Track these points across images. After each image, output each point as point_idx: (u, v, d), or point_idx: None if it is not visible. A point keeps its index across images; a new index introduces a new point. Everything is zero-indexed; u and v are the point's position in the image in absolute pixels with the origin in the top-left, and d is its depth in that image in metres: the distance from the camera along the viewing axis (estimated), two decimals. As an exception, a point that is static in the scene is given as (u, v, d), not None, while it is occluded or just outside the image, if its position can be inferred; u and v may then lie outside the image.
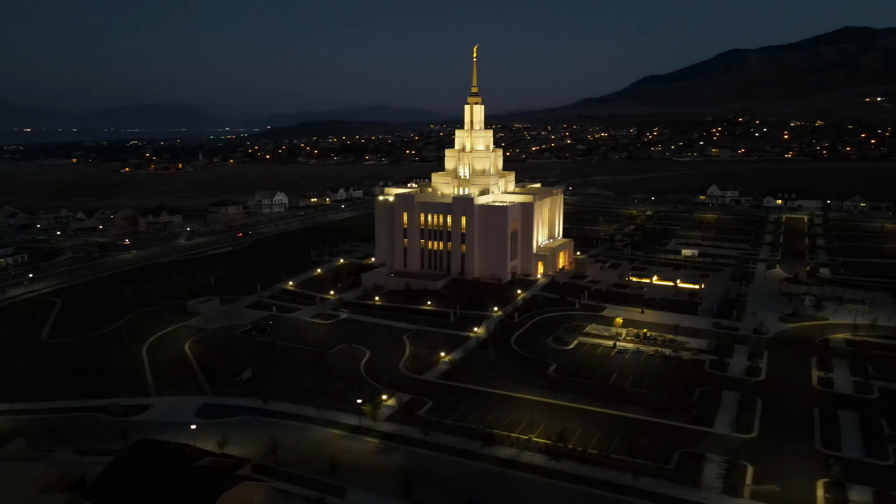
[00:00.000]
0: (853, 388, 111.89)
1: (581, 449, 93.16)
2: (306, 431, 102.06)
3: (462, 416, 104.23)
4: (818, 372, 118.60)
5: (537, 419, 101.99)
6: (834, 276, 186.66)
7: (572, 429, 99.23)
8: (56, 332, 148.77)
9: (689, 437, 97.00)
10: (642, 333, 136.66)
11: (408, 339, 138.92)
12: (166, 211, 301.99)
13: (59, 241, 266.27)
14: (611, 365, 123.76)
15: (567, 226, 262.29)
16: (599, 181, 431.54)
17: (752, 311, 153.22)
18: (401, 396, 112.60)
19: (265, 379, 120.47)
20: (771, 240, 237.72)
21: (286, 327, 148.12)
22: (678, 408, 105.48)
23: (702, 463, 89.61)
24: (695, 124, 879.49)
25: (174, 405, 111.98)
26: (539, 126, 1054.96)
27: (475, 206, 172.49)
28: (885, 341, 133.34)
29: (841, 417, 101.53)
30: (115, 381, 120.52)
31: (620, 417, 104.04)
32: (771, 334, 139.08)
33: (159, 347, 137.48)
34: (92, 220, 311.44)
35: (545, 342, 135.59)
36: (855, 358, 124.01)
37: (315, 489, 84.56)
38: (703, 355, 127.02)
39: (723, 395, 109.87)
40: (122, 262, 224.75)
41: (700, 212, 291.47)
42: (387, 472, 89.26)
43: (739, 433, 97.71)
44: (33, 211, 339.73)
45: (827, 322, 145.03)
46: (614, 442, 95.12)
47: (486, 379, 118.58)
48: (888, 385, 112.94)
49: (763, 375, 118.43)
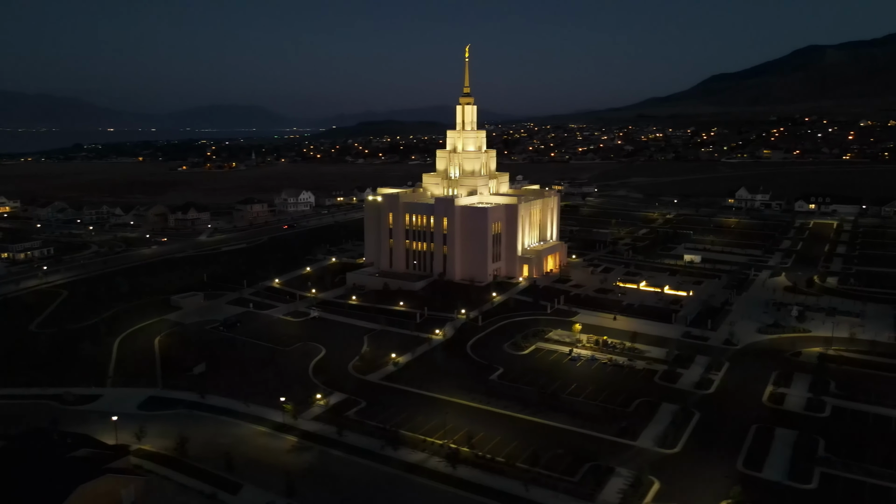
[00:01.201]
0: (804, 406, 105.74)
1: (490, 456, 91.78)
2: (232, 427, 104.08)
3: (387, 419, 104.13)
4: (773, 387, 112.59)
5: (461, 425, 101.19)
6: (840, 285, 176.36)
7: (492, 435, 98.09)
8: (46, 322, 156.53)
9: (607, 449, 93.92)
10: (602, 340, 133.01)
11: (367, 339, 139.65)
12: (194, 208, 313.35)
13: (91, 235, 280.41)
14: (559, 372, 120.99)
15: (576, 228, 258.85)
16: (635, 183, 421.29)
17: (731, 320, 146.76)
18: (337, 396, 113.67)
19: (217, 374, 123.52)
20: (788, 246, 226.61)
21: (256, 324, 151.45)
22: (609, 419, 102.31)
23: (608, 477, 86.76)
24: (756, 124, 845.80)
25: (122, 396, 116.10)
26: (595, 127, 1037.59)
27: (456, 207, 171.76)
28: (861, 356, 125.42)
29: (777, 436, 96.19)
30: (78, 371, 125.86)
31: (547, 426, 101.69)
32: (741, 346, 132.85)
33: (132, 340, 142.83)
34: (128, 216, 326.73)
35: (502, 347, 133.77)
36: (819, 373, 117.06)
37: (212, 484, 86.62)
38: (658, 365, 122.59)
39: (661, 407, 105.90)
40: (139, 256, 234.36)
41: (724, 216, 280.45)
42: (291, 470, 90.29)
43: (661, 448, 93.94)
44: (81, 206, 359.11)
45: (808, 334, 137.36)
46: (528, 451, 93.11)
47: (426, 382, 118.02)
48: (844, 403, 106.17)
49: (713, 388, 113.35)
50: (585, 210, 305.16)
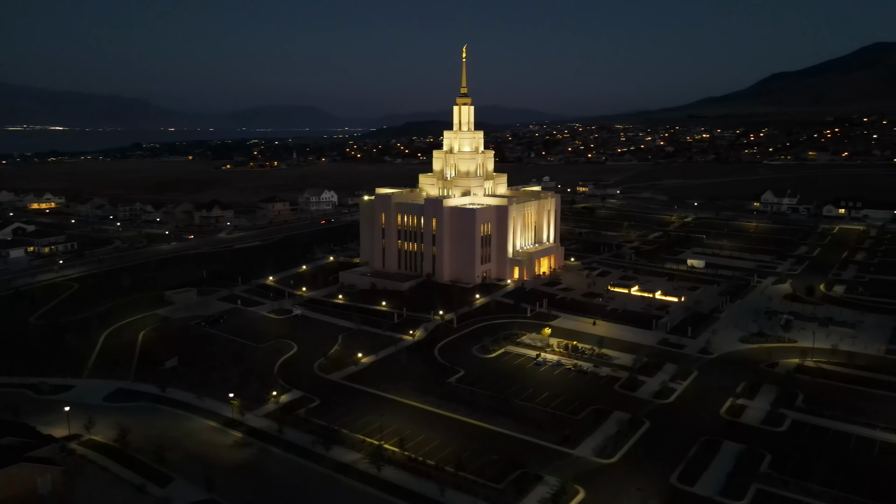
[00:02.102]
0: (762, 419, 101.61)
1: (422, 459, 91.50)
2: (185, 421, 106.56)
3: (334, 418, 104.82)
4: (736, 399, 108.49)
5: (406, 426, 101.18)
6: (846, 294, 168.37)
7: (432, 438, 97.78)
8: (47, 314, 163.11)
9: (544, 457, 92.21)
10: (571, 345, 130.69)
11: (342, 339, 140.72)
12: (218, 206, 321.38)
13: (118, 231, 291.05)
14: (521, 377, 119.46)
15: (585, 230, 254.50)
16: (666, 185, 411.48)
17: (716, 328, 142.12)
18: (294, 394, 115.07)
19: (187, 368, 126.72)
20: (804, 252, 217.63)
21: (240, 320, 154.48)
22: (555, 426, 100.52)
23: (533, 485, 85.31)
24: (809, 125, 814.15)
25: (92, 387, 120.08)
26: (641, 128, 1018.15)
27: (444, 207, 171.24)
28: (840, 369, 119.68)
29: (724, 450, 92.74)
30: (60, 361, 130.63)
31: (491, 431, 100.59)
32: (716, 354, 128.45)
33: (118, 333, 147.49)
34: (157, 213, 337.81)
35: (471, 350, 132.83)
36: (787, 385, 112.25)
37: (145, 476, 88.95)
38: (623, 372, 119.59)
39: (612, 416, 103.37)
40: (156, 252, 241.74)
41: (745, 219, 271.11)
42: (226, 466, 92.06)
43: (599, 458, 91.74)
44: (117, 203, 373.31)
45: (792, 345, 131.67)
46: (463, 455, 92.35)
47: (385, 382, 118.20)
48: (806, 418, 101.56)
49: (672, 398, 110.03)
50: (602, 212, 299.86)
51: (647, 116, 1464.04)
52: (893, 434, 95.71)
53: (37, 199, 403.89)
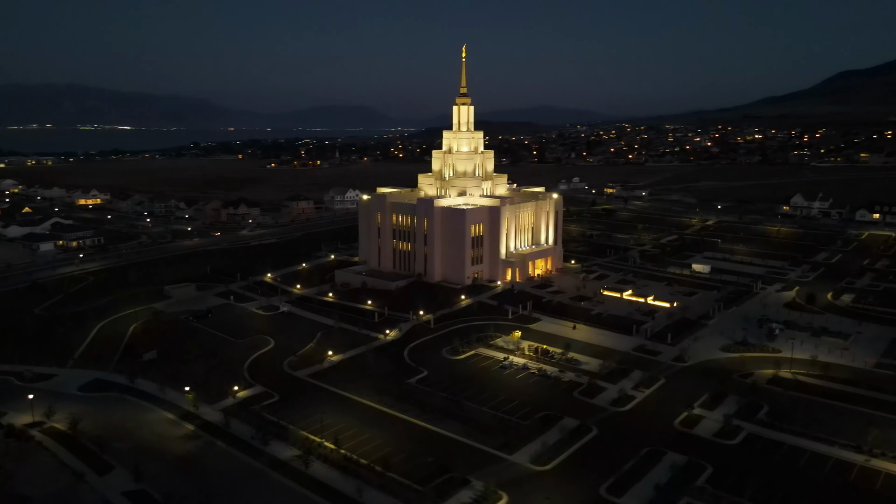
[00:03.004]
0: (715, 431, 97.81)
1: (356, 458, 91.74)
2: (145, 412, 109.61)
3: (287, 414, 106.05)
4: (695, 409, 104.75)
5: (353, 425, 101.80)
6: (853, 303, 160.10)
7: (373, 438, 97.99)
8: (53, 306, 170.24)
9: (480, 461, 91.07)
10: (541, 349, 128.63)
11: (320, 336, 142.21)
12: (244, 203, 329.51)
13: (147, 227, 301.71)
14: (483, 379, 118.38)
15: (597, 233, 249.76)
16: (702, 187, 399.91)
17: (700, 335, 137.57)
18: (256, 389, 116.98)
19: (164, 361, 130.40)
20: (823, 258, 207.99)
21: (228, 316, 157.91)
22: (501, 430, 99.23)
23: (458, 489, 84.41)
24: (870, 125, 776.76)
25: (73, 377, 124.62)
26: (691, 128, 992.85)
27: (435, 208, 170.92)
28: (817, 381, 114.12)
29: (664, 461, 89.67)
30: (51, 351, 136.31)
31: (435, 433, 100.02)
32: (691, 363, 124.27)
33: (112, 326, 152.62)
34: (189, 210, 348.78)
35: (441, 351, 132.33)
36: (754, 397, 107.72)
37: (88, 464, 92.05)
38: (588, 378, 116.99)
39: (561, 422, 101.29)
40: (176, 248, 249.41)
41: (769, 223, 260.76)
42: (168, 457, 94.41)
43: (534, 464, 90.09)
44: (161, 199, 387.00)
45: (774, 355, 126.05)
46: (400, 456, 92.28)
47: (347, 381, 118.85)
48: (763, 431, 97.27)
49: (629, 406, 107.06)
50: (622, 214, 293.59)
51: (700, 116, 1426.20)
52: (851, 452, 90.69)
53: (84, 195, 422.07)
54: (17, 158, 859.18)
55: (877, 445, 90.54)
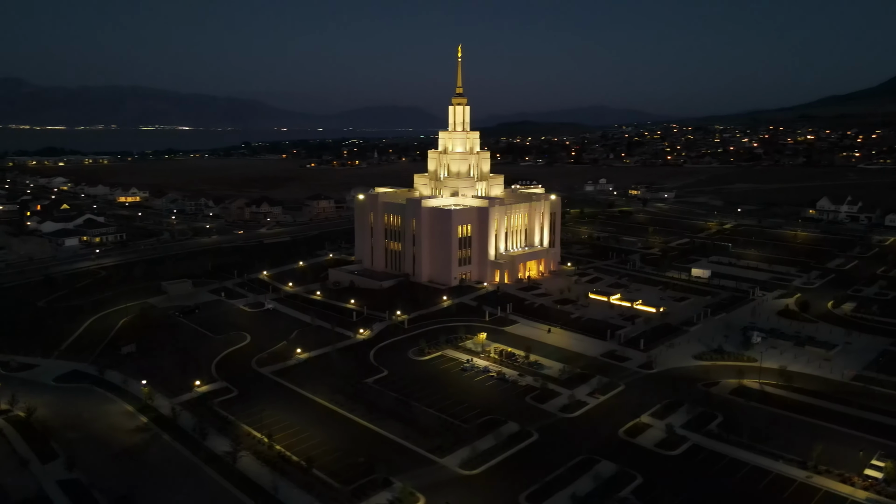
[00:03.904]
0: (658, 441, 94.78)
1: (288, 455, 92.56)
2: (106, 403, 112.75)
3: (238, 410, 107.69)
4: (644, 417, 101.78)
5: (297, 423, 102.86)
6: (854, 312, 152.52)
7: (312, 436, 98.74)
8: (57, 299, 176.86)
9: (411, 463, 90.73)
10: (505, 352, 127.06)
11: (297, 334, 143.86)
12: (267, 202, 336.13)
13: (172, 224, 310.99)
14: (439, 381, 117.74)
15: (605, 235, 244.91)
16: (734, 189, 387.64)
17: (678, 342, 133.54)
18: (218, 384, 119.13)
19: (141, 355, 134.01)
20: (837, 264, 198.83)
21: (214, 312, 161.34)
22: (440, 433, 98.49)
23: (378, 490, 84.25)
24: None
25: (53, 367, 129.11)
26: (741, 128, 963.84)
27: (423, 208, 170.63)
28: (784, 393, 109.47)
29: (595, 470, 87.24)
30: (41, 342, 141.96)
31: (375, 433, 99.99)
32: (657, 370, 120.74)
33: (103, 319, 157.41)
34: (216, 208, 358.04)
35: (407, 351, 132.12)
36: (710, 407, 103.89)
37: (37, 452, 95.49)
38: (547, 383, 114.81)
39: (503, 426, 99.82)
40: (193, 244, 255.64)
41: (789, 227, 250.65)
42: (114, 448, 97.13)
43: (462, 468, 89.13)
44: (193, 197, 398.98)
45: (749, 363, 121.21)
46: (332, 455, 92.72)
47: (307, 379, 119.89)
48: (709, 443, 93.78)
49: (578, 413, 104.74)
50: (639, 217, 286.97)
51: (755, 116, 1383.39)
52: (794, 467, 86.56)
53: (123, 193, 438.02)
54: (77, 157, 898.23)
55: (822, 462, 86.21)
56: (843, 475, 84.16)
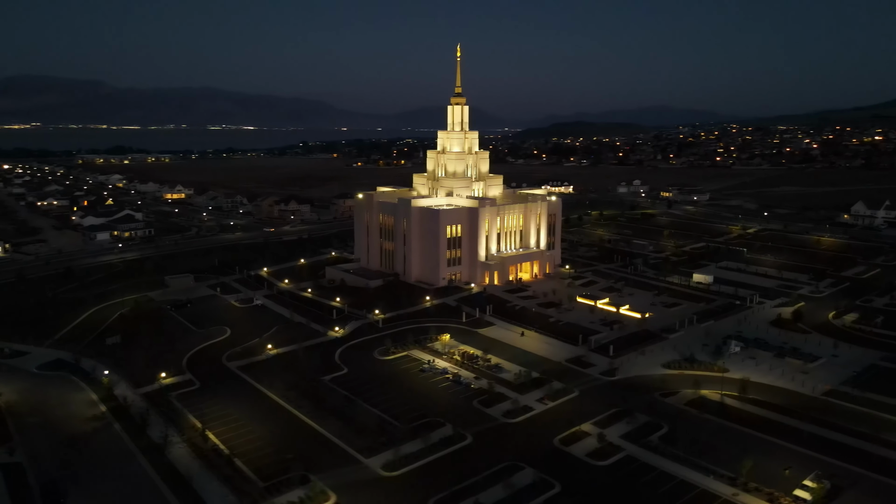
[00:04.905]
0: (590, 451, 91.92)
1: (222, 449, 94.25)
2: (76, 391, 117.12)
3: (193, 402, 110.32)
4: (584, 426, 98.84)
5: (245, 416, 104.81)
6: (853, 324, 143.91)
7: (253, 430, 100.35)
8: (68, 291, 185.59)
9: (336, 461, 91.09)
10: (467, 354, 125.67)
11: (275, 329, 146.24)
12: (295, 200, 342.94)
13: (203, 220, 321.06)
14: (395, 381, 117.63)
15: (617, 238, 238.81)
16: (776, 192, 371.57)
17: (651, 349, 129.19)
18: (184, 377, 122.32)
19: (125, 346, 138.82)
20: (855, 272, 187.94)
21: (205, 306, 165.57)
22: (377, 433, 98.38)
23: (294, 487, 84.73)
24: None
25: (40, 356, 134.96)
26: (804, 129, 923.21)
27: (413, 208, 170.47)
28: (744, 406, 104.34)
29: (516, 477, 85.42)
30: (38, 331, 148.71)
31: (314, 430, 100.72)
32: (618, 377, 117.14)
33: (102, 311, 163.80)
34: (249, 205, 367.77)
35: (374, 351, 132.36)
36: (660, 418, 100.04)
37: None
38: (499, 386, 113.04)
39: (439, 429, 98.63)
40: (215, 241, 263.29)
41: (817, 233, 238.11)
42: (66, 434, 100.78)
43: (383, 470, 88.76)
44: (229, 195, 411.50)
45: (718, 374, 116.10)
46: (265, 450, 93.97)
47: (268, 375, 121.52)
48: (644, 454, 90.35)
49: (520, 419, 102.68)
50: (660, 220, 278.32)
51: (825, 116, 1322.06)
52: (723, 483, 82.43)
53: (170, 190, 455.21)
54: (141, 156, 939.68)
55: (753, 479, 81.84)
56: (773, 494, 79.77)
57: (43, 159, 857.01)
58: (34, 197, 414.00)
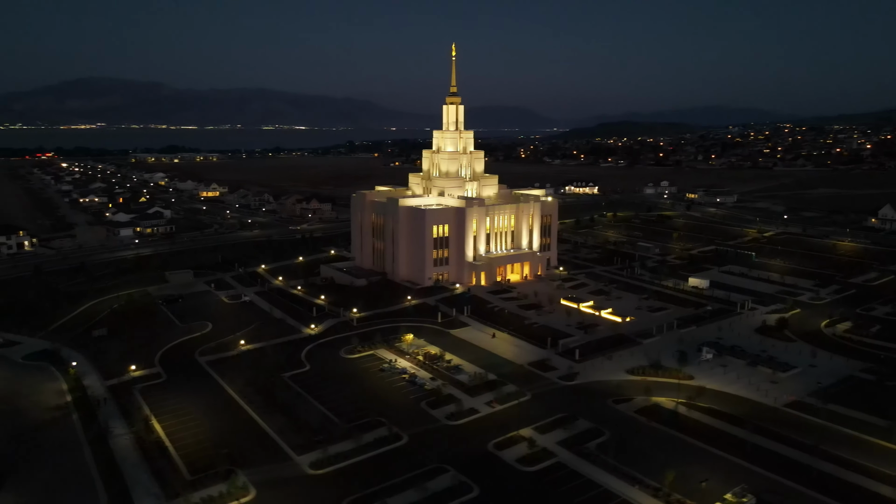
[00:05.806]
0: (520, 457, 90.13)
1: (167, 445, 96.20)
2: (51, 381, 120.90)
3: (154, 396, 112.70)
4: (520, 430, 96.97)
5: (194, 408, 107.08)
6: (846, 333, 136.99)
7: (201, 423, 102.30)
8: (75, 284, 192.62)
9: (269, 457, 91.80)
10: (428, 355, 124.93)
11: (254, 326, 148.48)
12: (316, 199, 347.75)
13: (226, 218, 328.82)
14: (353, 379, 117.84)
15: (623, 240, 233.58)
16: (814, 195, 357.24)
17: (619, 354, 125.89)
18: (153, 370, 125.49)
19: (110, 338, 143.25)
20: (866, 279, 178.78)
21: (196, 302, 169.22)
22: (314, 430, 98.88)
23: (217, 481, 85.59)
24: None
25: (30, 346, 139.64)
26: (863, 128, 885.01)
27: (400, 207, 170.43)
28: (693, 414, 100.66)
29: (438, 479, 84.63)
30: (36, 322, 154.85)
31: (257, 426, 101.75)
32: (577, 382, 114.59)
33: (99, 304, 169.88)
34: (274, 203, 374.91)
35: (341, 349, 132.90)
36: (604, 425, 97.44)
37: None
38: (452, 388, 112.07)
39: (376, 430, 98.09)
40: (231, 238, 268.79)
41: (837, 237, 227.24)
42: (29, 424, 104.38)
43: (311, 468, 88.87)
44: (259, 193, 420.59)
45: (682, 381, 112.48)
46: (204, 444, 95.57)
47: (231, 370, 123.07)
48: (576, 462, 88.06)
49: (461, 421, 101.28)
50: (676, 222, 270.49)
51: (888, 116, 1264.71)
52: (647, 494, 79.75)
53: (206, 189, 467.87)
54: (190, 155, 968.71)
55: (676, 490, 78.91)
56: (694, 508, 76.65)
57: (99, 158, 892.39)
58: (78, 194, 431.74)
